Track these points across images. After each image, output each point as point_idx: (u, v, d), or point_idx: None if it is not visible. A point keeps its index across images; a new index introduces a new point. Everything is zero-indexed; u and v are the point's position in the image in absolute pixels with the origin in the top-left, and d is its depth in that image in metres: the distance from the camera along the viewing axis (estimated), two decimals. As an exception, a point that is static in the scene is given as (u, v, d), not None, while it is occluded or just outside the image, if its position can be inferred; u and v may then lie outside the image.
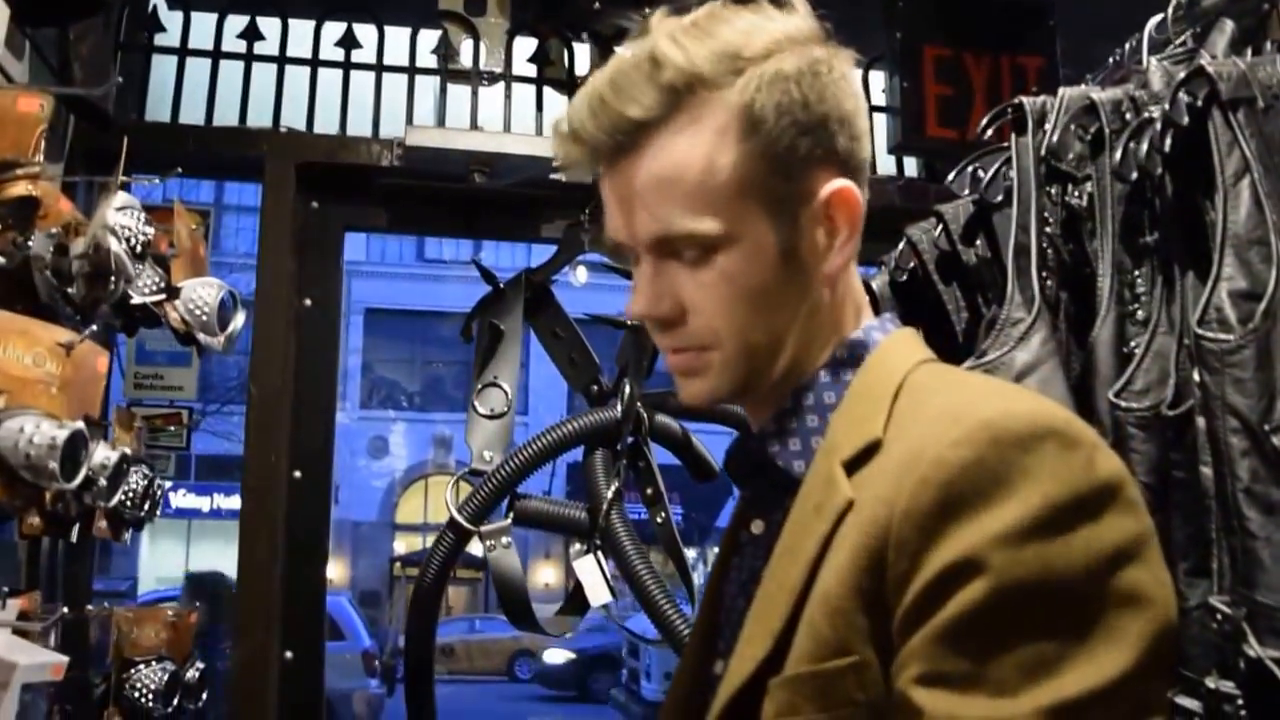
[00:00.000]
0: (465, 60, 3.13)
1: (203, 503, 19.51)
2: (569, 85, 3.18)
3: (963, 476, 0.86)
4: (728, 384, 1.08)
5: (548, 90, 3.18)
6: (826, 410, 1.06)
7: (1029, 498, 0.85)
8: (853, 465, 0.97)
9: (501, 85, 3.14)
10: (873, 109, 3.35)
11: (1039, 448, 0.87)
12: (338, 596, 12.47)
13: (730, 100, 1.01)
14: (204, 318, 2.39)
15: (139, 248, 2.13)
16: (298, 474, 2.94)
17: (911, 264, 2.12)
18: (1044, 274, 1.79)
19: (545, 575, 20.99)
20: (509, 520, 2.51)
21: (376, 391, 22.00)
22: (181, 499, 18.86)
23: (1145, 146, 1.65)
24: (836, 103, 1.05)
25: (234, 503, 18.83)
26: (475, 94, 3.10)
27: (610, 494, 2.43)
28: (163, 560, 18.94)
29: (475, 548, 2.54)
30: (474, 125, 3.06)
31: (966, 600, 0.83)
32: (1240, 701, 1.37)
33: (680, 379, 1.10)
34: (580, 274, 2.85)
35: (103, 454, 2.08)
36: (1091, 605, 0.84)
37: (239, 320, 2.52)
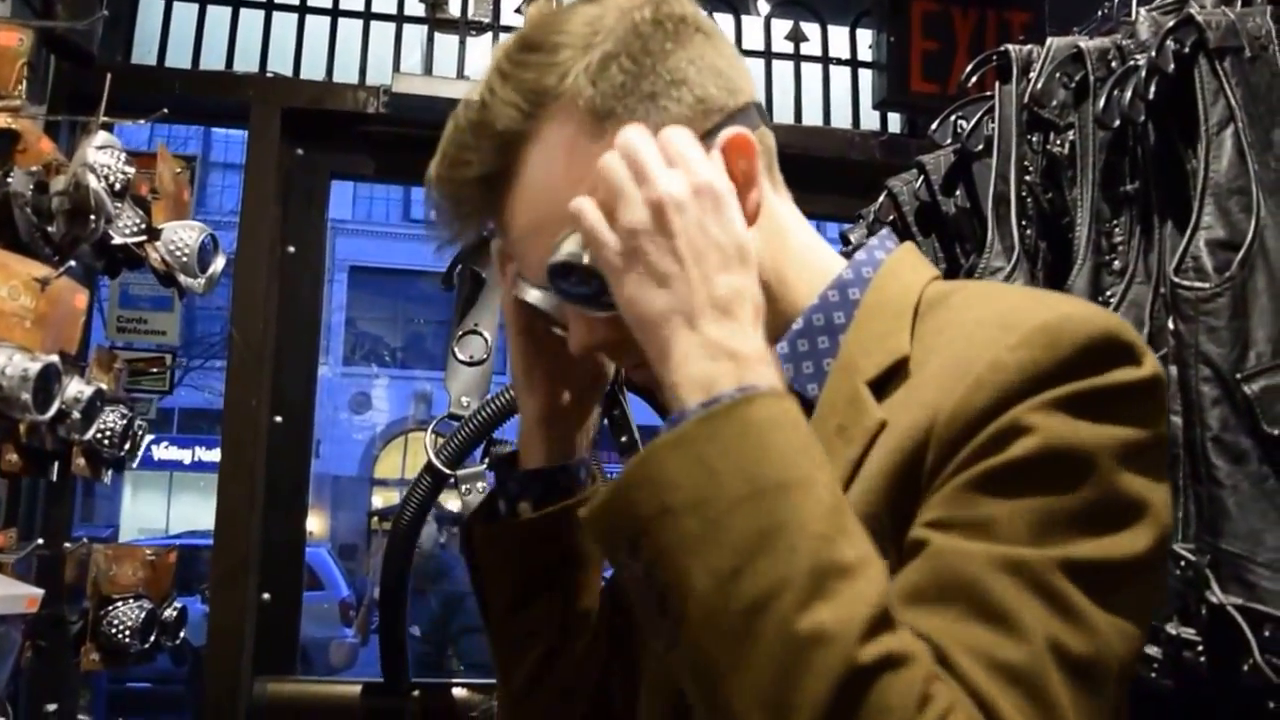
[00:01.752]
0: (454, 9, 3.11)
1: (184, 455, 19.46)
2: (556, 34, 3.17)
3: (1021, 376, 0.82)
4: None
5: (535, 39, 3.16)
6: (838, 330, 1.00)
7: (1081, 383, 0.82)
8: (879, 384, 0.93)
9: (489, 35, 3.11)
10: (858, 64, 3.35)
11: (1095, 348, 0.84)
12: (318, 548, 12.60)
13: (566, 108, 0.95)
14: (184, 259, 2.38)
15: (118, 186, 2.12)
16: (278, 419, 2.94)
17: (891, 216, 2.12)
18: (1023, 223, 1.79)
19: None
20: (484, 465, 2.51)
21: (359, 347, 22.01)
22: (164, 451, 18.83)
23: (1129, 94, 1.64)
24: (681, 58, 0.97)
25: (216, 455, 18.85)
26: (463, 43, 3.08)
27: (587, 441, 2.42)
28: (144, 511, 18.99)
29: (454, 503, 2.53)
30: (461, 74, 3.04)
31: (1003, 455, 0.81)
32: (1200, 648, 1.38)
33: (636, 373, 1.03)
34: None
35: (76, 388, 2.08)
36: (1119, 489, 0.82)
37: (219, 263, 2.51)
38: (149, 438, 2.67)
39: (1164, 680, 1.44)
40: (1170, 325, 1.49)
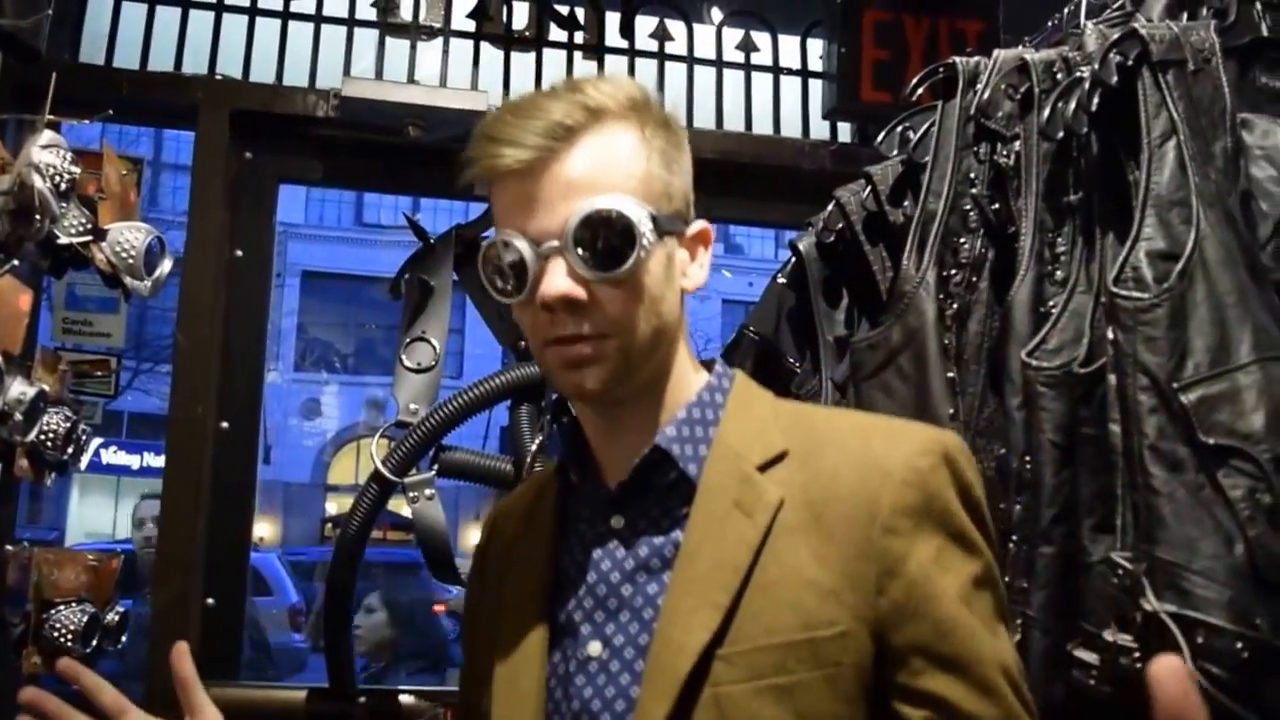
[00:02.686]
0: (405, 14, 3.10)
1: (133, 460, 19.28)
2: (506, 41, 3.16)
3: (938, 478, 1.14)
4: (615, 373, 1.18)
5: (484, 45, 3.15)
6: (710, 425, 1.23)
7: (978, 494, 1.17)
8: (763, 469, 1.18)
9: (440, 40, 3.11)
10: (809, 74, 3.36)
11: (967, 457, 1.19)
12: (268, 554, 12.52)
13: (633, 127, 1.20)
14: (130, 260, 2.36)
15: (63, 186, 2.10)
16: (225, 425, 2.91)
17: (839, 225, 2.14)
18: (961, 238, 1.81)
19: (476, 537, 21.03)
20: (433, 472, 2.50)
21: (310, 353, 21.87)
22: (112, 456, 18.64)
23: (1073, 106, 1.66)
24: (688, 158, 1.28)
25: (164, 461, 18.64)
26: (414, 48, 3.07)
27: (534, 448, 2.43)
28: (91, 515, 18.77)
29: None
30: (411, 79, 3.03)
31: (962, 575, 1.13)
32: (1137, 654, 1.40)
33: (568, 371, 1.18)
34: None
35: (19, 389, 2.05)
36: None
37: (166, 265, 2.49)
38: (97, 441, 2.65)
39: (1103, 686, 1.46)
40: (1110, 335, 1.50)
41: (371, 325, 21.46)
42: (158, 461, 18.67)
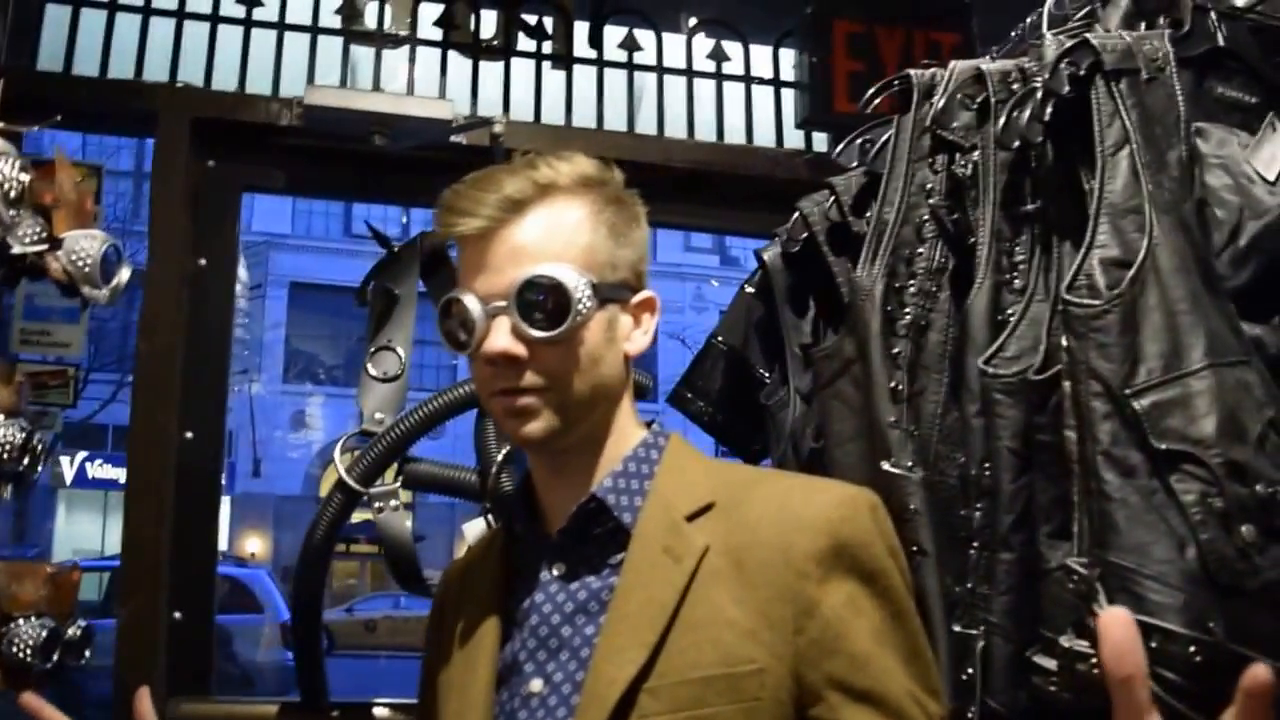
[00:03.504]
0: (370, 22, 3.08)
1: (119, 474, 19.03)
2: (474, 50, 3.16)
3: (850, 527, 1.23)
4: (556, 423, 1.29)
5: (452, 54, 3.15)
6: (645, 478, 1.34)
7: (890, 543, 1.26)
8: (691, 519, 1.28)
9: (406, 49, 3.10)
10: (781, 84, 3.37)
11: (881, 511, 1.28)
12: (258, 570, 12.44)
13: (582, 203, 1.32)
14: (86, 269, 2.33)
15: (13, 194, 2.07)
16: (189, 435, 2.89)
17: (804, 235, 2.14)
18: (914, 249, 1.82)
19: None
20: (398, 483, 2.49)
21: (297, 364, 21.73)
22: (98, 469, 18.41)
23: (1027, 115, 1.67)
24: (643, 234, 1.38)
25: (151, 474, 18.42)
26: (379, 55, 3.06)
27: (500, 457, 2.41)
28: (78, 531, 18.53)
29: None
30: (376, 87, 3.02)
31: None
32: (1094, 660, 1.40)
33: (513, 420, 1.30)
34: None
35: (-33, 400, 2.03)
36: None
37: (125, 273, 2.46)
38: (81, 455, 2.63)
39: (1064, 693, 1.46)
40: (1064, 342, 1.51)
41: (360, 337, 21.42)
42: (146, 475, 18.58)
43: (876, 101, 1.97)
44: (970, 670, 1.55)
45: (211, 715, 2.68)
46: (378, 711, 2.64)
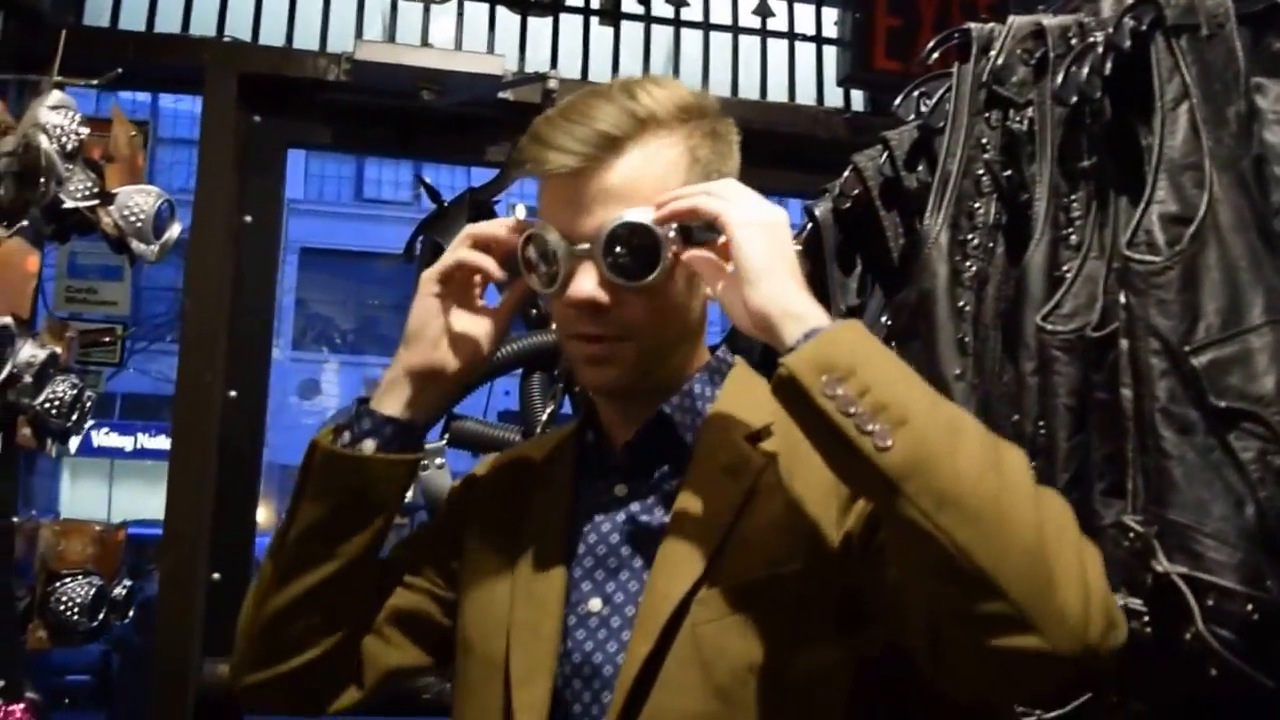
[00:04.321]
0: (418, -24, 3.07)
1: (126, 442, 18.99)
2: (522, 4, 3.14)
3: None
4: (631, 373, 1.29)
5: (500, 9, 3.14)
6: (707, 401, 1.35)
7: None
8: (750, 439, 1.30)
9: (454, 3, 3.09)
10: (823, 40, 3.34)
11: None
12: (264, 538, 12.53)
13: (679, 140, 1.27)
14: (139, 225, 2.35)
15: (70, 148, 2.09)
16: (233, 394, 2.91)
17: (856, 190, 2.12)
18: (975, 203, 1.80)
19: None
20: (444, 441, 2.50)
21: (310, 330, 21.72)
22: (104, 438, 18.36)
23: (1087, 71, 1.65)
24: (735, 166, 1.34)
25: (158, 443, 18.43)
26: (427, 10, 3.06)
27: (545, 416, 2.42)
28: (83, 499, 18.59)
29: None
30: (425, 43, 3.01)
31: None
32: (1146, 618, 1.39)
33: (588, 366, 1.30)
34: (519, 211, 2.81)
35: (29, 351, 2.05)
36: None
37: (175, 230, 2.48)
38: (89, 422, 2.64)
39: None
40: (1122, 299, 1.49)
41: (373, 302, 21.31)
42: (152, 443, 18.58)
43: (935, 55, 1.94)
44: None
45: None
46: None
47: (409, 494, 2.44)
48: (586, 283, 1.24)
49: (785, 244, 1.20)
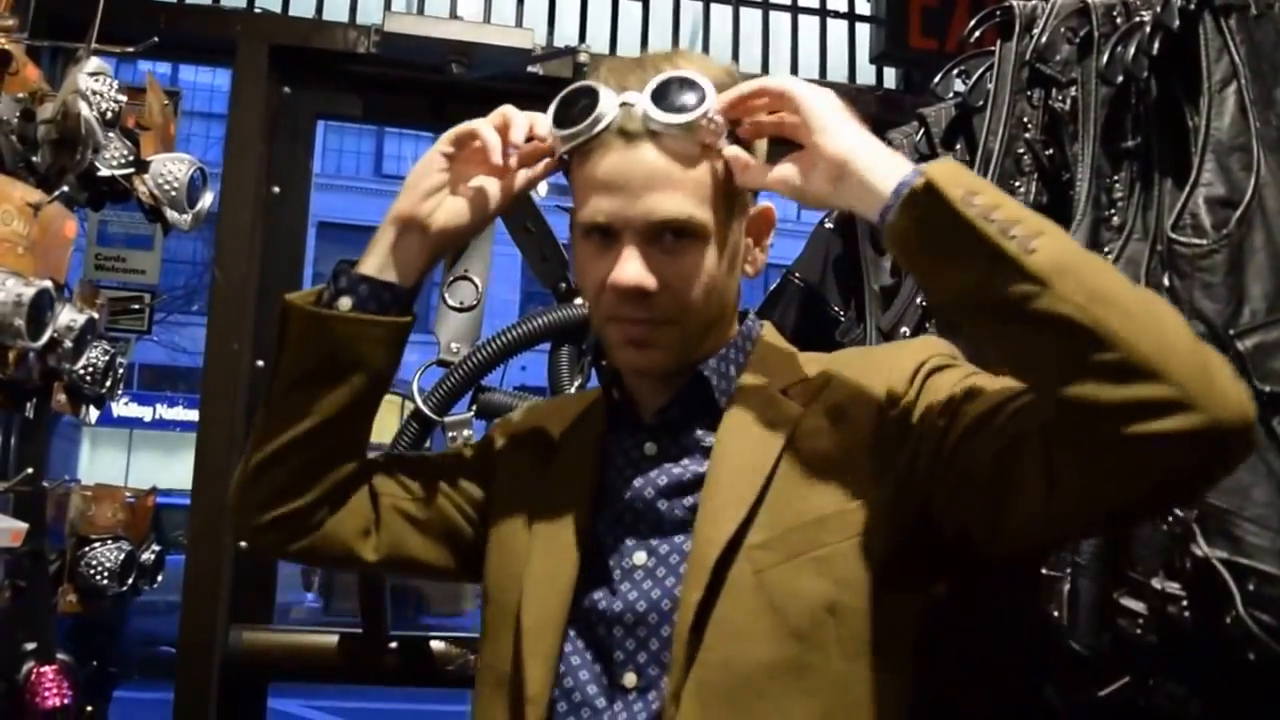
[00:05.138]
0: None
1: (145, 412, 19.10)
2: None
3: (931, 357, 1.27)
4: (675, 357, 1.29)
5: (530, -18, 3.13)
6: (740, 367, 1.34)
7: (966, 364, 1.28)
8: (785, 392, 1.30)
9: (484, -25, 3.08)
10: (855, 18, 3.33)
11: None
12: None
13: (725, 126, 1.24)
14: (173, 193, 2.35)
15: (110, 115, 2.09)
16: (260, 363, 2.92)
17: (890, 168, 2.11)
18: (1014, 181, 1.79)
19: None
20: (472, 412, 2.50)
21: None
22: (123, 408, 18.49)
23: (1133, 50, 1.64)
24: (762, 140, 1.32)
25: (176, 413, 18.58)
26: (455, -18, 3.05)
27: (573, 389, 2.42)
28: (101, 468, 18.67)
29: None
30: (454, 15, 3.01)
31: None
32: (1185, 602, 1.39)
33: (630, 349, 1.29)
34: (542, 188, 2.81)
35: (69, 316, 2.05)
36: None
37: (207, 199, 2.48)
38: (120, 389, 2.65)
39: (1149, 636, 1.45)
40: (1166, 281, 1.49)
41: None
42: (170, 414, 18.70)
43: (978, 33, 1.93)
44: (1055, 612, 1.54)
45: (272, 644, 2.71)
46: (434, 644, 2.66)
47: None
48: (630, 267, 1.23)
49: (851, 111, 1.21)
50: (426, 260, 1.36)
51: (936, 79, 2.05)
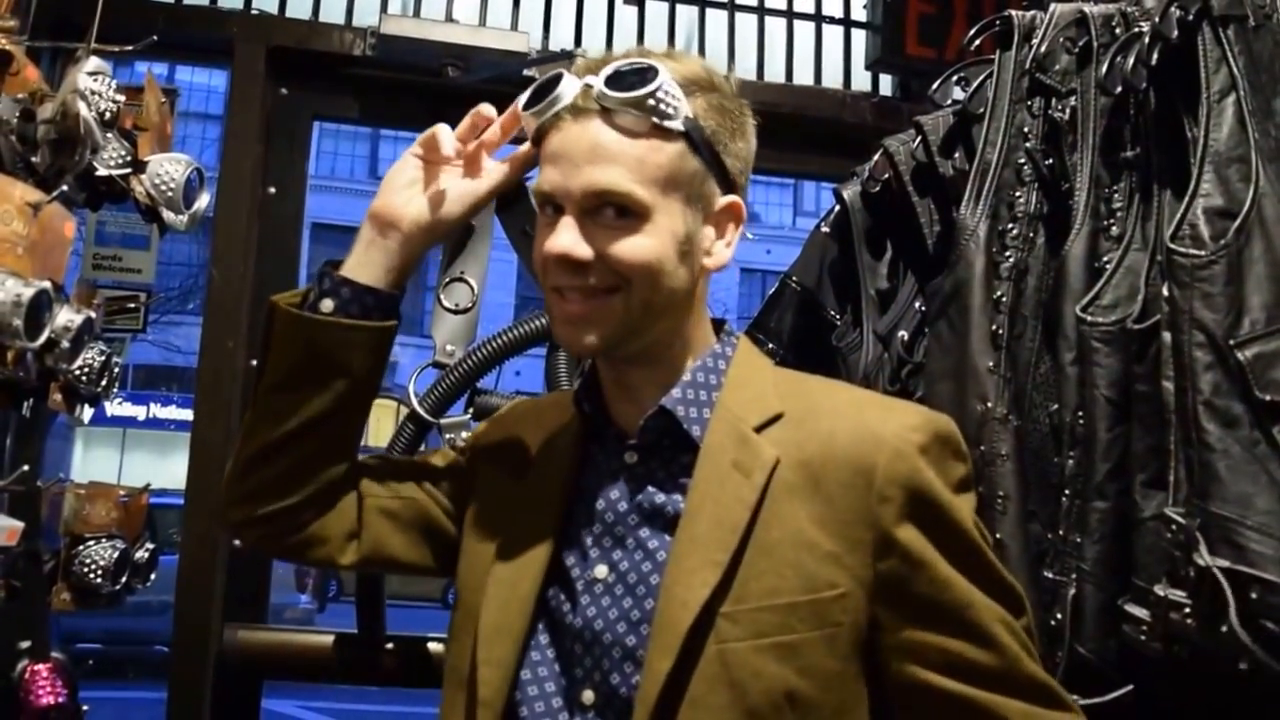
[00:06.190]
0: (443, -49, 3.07)
1: (138, 411, 19.09)
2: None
3: (928, 453, 1.22)
4: (616, 333, 1.25)
5: (525, -13, 3.13)
6: (712, 390, 1.31)
7: (964, 474, 1.26)
8: (759, 429, 1.26)
9: (479, -20, 3.09)
10: (851, 24, 3.33)
11: (957, 437, 1.27)
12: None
13: (682, 111, 1.24)
14: (170, 193, 2.35)
15: (108, 115, 2.08)
16: (255, 363, 2.91)
17: (886, 175, 2.12)
18: (1014, 191, 1.80)
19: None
20: (468, 414, 2.50)
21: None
22: (117, 407, 18.44)
23: (1132, 60, 1.65)
24: (746, 143, 1.33)
25: (170, 413, 18.54)
26: (452, -15, 3.05)
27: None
28: (95, 467, 18.55)
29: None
30: (449, 17, 3.01)
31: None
32: (1188, 610, 1.40)
33: (570, 329, 1.27)
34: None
35: (66, 316, 2.05)
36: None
37: (204, 199, 2.48)
38: (116, 388, 2.65)
39: (1154, 643, 1.46)
40: (1165, 292, 1.50)
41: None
42: (164, 413, 18.66)
43: (977, 41, 1.94)
44: (1059, 616, 1.55)
45: (267, 643, 2.70)
46: (432, 646, 2.65)
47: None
48: (565, 236, 1.23)
49: None
50: (405, 259, 1.37)
51: (935, 86, 2.06)
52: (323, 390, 1.34)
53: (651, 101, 1.21)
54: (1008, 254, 1.76)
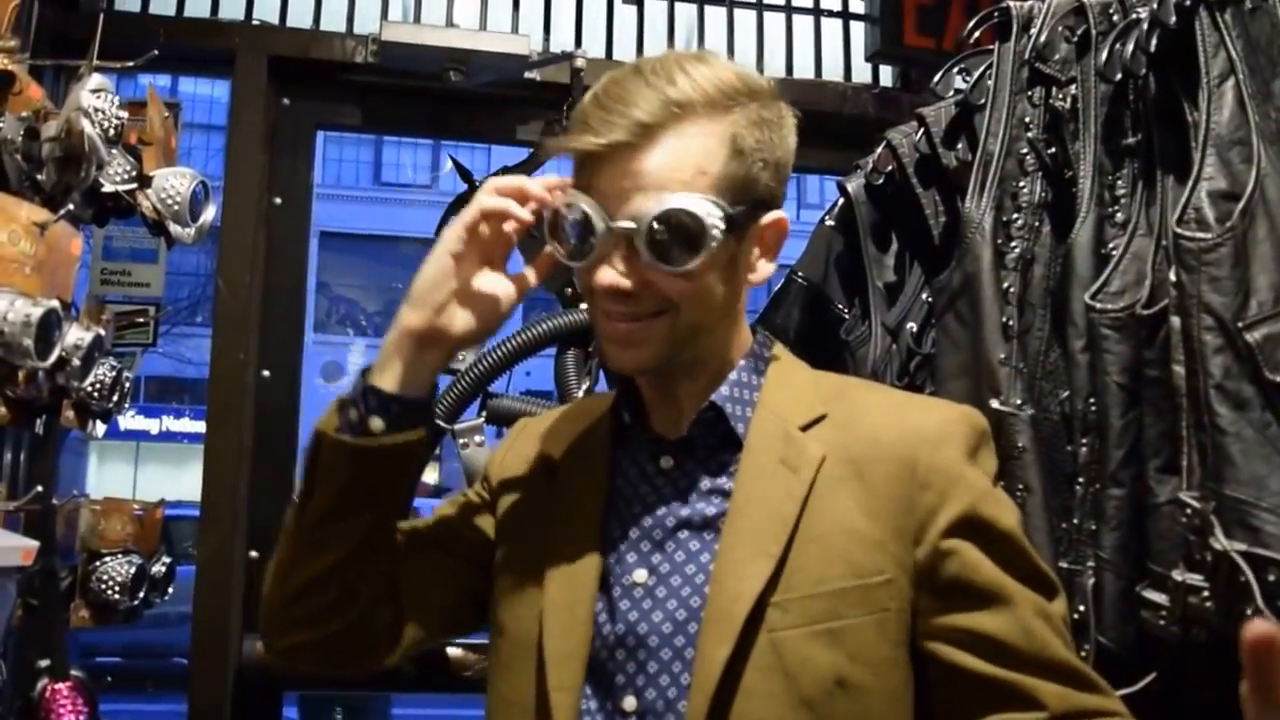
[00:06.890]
0: (441, -43, 3.08)
1: (151, 425, 19.09)
2: (547, -15, 3.14)
3: (966, 445, 1.26)
4: (661, 352, 1.26)
5: (525, -11, 3.14)
6: (755, 389, 1.33)
7: (993, 464, 1.30)
8: (804, 429, 1.28)
9: (478, -16, 3.09)
10: (850, 16, 3.33)
11: (989, 434, 1.31)
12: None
13: (719, 126, 1.22)
14: (176, 207, 2.36)
15: (112, 132, 2.09)
16: (266, 373, 2.93)
17: (889, 167, 2.12)
18: (1017, 181, 1.80)
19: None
20: (481, 419, 2.51)
21: (333, 313, 21.74)
22: (130, 420, 18.41)
23: (1131, 47, 1.65)
24: (786, 151, 1.30)
25: (183, 425, 18.55)
26: (451, -9, 3.05)
27: (580, 393, 2.43)
28: (110, 481, 18.60)
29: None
30: (450, 23, 3.02)
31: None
32: (1205, 593, 1.40)
33: (618, 349, 1.27)
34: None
35: (76, 334, 2.06)
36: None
37: (210, 212, 2.49)
38: (128, 403, 2.66)
39: (1172, 627, 1.46)
40: (1172, 276, 1.50)
41: (395, 285, 21.31)
42: (177, 425, 18.65)
43: (977, 33, 1.94)
44: (1081, 608, 1.55)
45: (287, 653, 2.71)
46: (451, 651, 2.67)
47: (434, 477, 2.46)
48: (607, 273, 1.22)
49: None
50: (445, 364, 1.32)
51: (937, 78, 2.06)
52: (374, 508, 1.30)
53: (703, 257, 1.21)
54: (1014, 244, 1.76)
